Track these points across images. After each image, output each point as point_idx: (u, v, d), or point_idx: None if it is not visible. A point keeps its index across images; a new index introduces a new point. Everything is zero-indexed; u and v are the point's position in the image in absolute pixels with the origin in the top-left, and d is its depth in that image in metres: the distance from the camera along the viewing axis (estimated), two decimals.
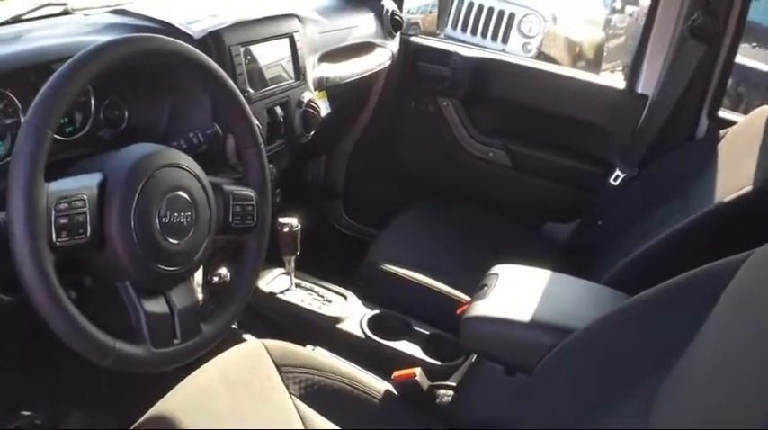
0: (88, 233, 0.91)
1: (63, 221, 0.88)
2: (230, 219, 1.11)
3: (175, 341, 1.02)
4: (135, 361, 0.96)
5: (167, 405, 1.13)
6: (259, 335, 1.47)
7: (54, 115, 0.90)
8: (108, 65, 0.97)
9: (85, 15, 1.38)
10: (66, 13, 1.40)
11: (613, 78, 5.07)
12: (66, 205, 0.89)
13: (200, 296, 1.30)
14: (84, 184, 0.92)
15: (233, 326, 1.56)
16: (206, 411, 1.13)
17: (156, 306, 1.00)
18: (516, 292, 1.26)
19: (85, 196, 0.91)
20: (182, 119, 1.26)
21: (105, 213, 0.93)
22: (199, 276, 1.46)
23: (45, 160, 0.87)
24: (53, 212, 0.87)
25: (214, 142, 1.22)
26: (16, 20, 1.33)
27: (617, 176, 1.92)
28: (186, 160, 1.04)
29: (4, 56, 1.13)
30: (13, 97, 1.09)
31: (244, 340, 1.44)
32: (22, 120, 1.10)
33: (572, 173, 2.07)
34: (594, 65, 5.48)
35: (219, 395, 1.17)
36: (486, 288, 1.28)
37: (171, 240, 0.99)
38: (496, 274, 1.31)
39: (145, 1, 1.47)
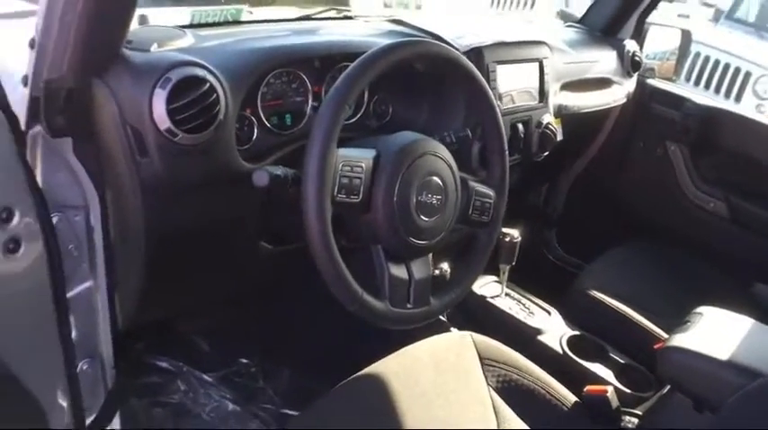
0: (360, 196, 1.08)
1: (344, 181, 1.06)
2: (470, 212, 1.24)
3: (408, 305, 1.16)
4: (374, 312, 1.12)
5: (379, 368, 1.26)
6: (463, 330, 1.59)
7: (351, 96, 1.08)
8: (396, 61, 1.14)
9: (365, 21, 1.60)
10: (347, 17, 1.63)
11: None
12: (349, 168, 1.07)
13: None
14: (363, 155, 1.10)
15: (442, 318, 1.71)
16: (412, 381, 1.25)
17: (398, 271, 1.15)
18: (717, 332, 1.29)
19: (363, 164, 1.08)
20: (438, 119, 1.42)
21: (375, 183, 1.10)
22: None
23: (339, 130, 1.06)
24: (338, 172, 1.05)
25: (463, 144, 1.35)
26: (305, 18, 1.58)
27: None
28: (444, 152, 1.19)
29: (300, 45, 1.36)
30: (306, 79, 1.30)
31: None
32: (309, 100, 1.31)
33: None
34: None
35: (426, 371, 1.28)
36: (688, 323, 1.32)
37: (422, 217, 1.14)
38: (700, 313, 1.35)
39: (417, 15, 1.66)
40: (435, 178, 1.16)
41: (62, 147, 1.14)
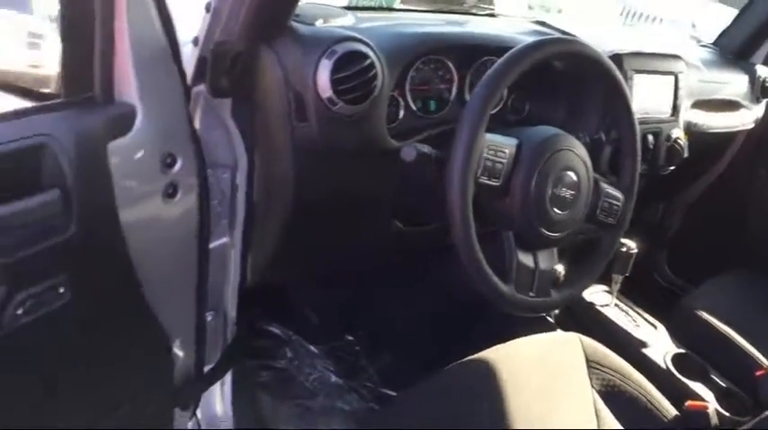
0: (501, 180, 1.12)
1: (488, 164, 1.10)
2: (597, 212, 1.26)
3: (530, 294, 1.19)
4: (499, 295, 1.15)
5: (485, 356, 1.29)
6: None
7: (501, 86, 1.13)
8: (545, 57, 1.18)
9: (508, 21, 1.64)
10: (491, 15, 1.67)
11: None
12: (493, 152, 1.11)
13: None
14: (507, 142, 1.13)
15: (549, 319, 1.72)
16: (517, 373, 1.26)
17: (526, 259, 1.19)
18: None
19: (507, 150, 1.12)
20: (573, 119, 1.43)
21: (515, 170, 1.13)
22: None
23: (488, 116, 1.10)
24: (483, 155, 1.09)
25: (595, 147, 1.37)
26: (451, 11, 1.63)
27: None
28: (581, 150, 1.22)
29: (450, 34, 1.42)
30: (452, 67, 1.35)
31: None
32: (453, 88, 1.36)
33: None
34: None
35: (532, 365, 1.30)
36: None
37: (555, 209, 1.17)
38: None
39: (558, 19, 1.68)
40: (571, 173, 1.18)
41: (221, 107, 1.23)
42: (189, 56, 1.15)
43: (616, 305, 1.79)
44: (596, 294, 1.82)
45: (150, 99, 1.00)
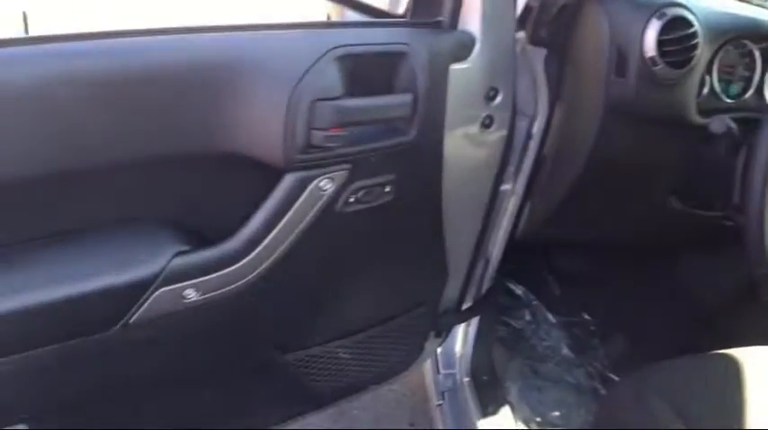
0: None
1: None
2: None
3: None
4: None
5: (732, 354, 1.20)
6: None
7: None
8: None
9: None
10: None
11: None
12: None
13: None
14: None
15: None
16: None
17: None
18: None
19: None
20: None
21: None
22: None
23: None
24: None
25: None
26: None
27: None
28: None
29: (761, 22, 1.35)
30: (757, 56, 1.30)
31: None
32: (755, 77, 1.31)
33: None
34: None
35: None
36: None
37: None
38: None
39: None
40: None
41: (534, 55, 1.27)
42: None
43: None
44: None
45: (488, 32, 1.06)
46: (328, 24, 1.39)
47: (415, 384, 1.77)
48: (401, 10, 1.16)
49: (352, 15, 1.30)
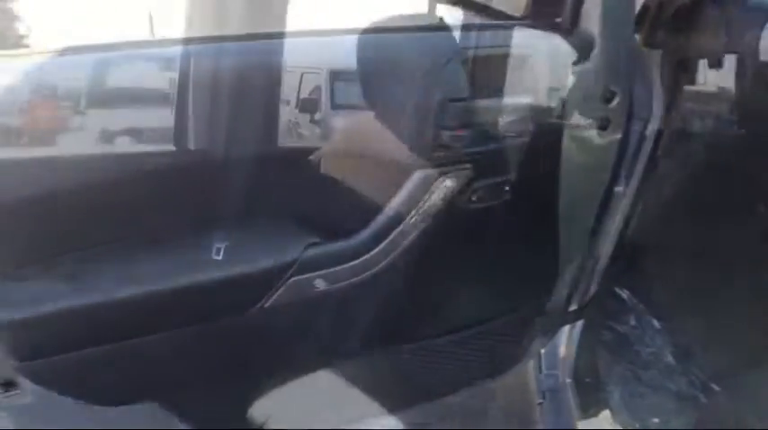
0: None
1: None
2: None
3: None
4: None
5: None
6: None
7: None
8: None
9: None
10: None
11: None
12: None
13: None
14: None
15: None
16: None
17: None
18: None
19: None
20: None
21: None
22: None
23: None
24: None
25: None
26: None
27: None
28: None
29: None
30: None
31: None
32: None
33: None
34: None
35: None
36: None
37: None
38: None
39: None
40: None
41: (649, 58, 1.26)
42: None
43: None
44: None
45: (607, 34, 1.07)
46: (453, 27, 1.42)
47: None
48: (521, 12, 1.18)
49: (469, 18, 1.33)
